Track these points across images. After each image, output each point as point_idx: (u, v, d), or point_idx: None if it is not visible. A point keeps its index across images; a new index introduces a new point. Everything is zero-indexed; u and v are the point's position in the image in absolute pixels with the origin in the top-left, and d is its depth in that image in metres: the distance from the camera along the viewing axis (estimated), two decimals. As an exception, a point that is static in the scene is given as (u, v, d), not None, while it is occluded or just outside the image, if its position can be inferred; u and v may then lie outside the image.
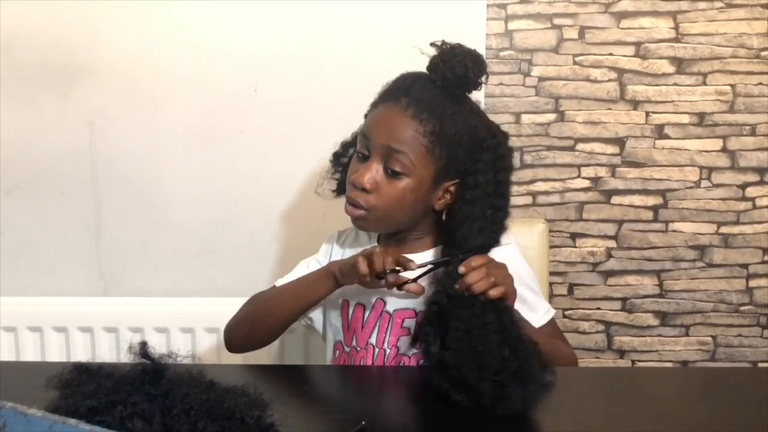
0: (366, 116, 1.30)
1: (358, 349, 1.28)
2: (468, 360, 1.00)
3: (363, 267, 1.16)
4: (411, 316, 1.26)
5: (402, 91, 1.23)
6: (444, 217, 1.31)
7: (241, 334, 1.34)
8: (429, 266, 1.19)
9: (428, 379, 1.05)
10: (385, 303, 1.27)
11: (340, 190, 1.37)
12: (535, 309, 1.29)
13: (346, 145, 1.36)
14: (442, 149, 1.21)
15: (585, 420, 1.02)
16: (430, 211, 1.28)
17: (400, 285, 1.17)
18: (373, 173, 1.22)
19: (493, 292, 1.09)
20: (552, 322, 1.33)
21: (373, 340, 1.27)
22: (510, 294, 1.12)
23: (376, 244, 1.34)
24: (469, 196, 1.22)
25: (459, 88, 1.24)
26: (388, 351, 1.26)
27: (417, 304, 1.24)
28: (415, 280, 1.18)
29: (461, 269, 1.11)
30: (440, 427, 1.02)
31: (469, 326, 1.04)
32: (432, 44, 1.23)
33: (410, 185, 1.22)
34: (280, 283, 1.36)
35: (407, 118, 1.20)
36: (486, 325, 1.05)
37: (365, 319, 1.28)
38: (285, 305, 1.30)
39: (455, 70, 1.20)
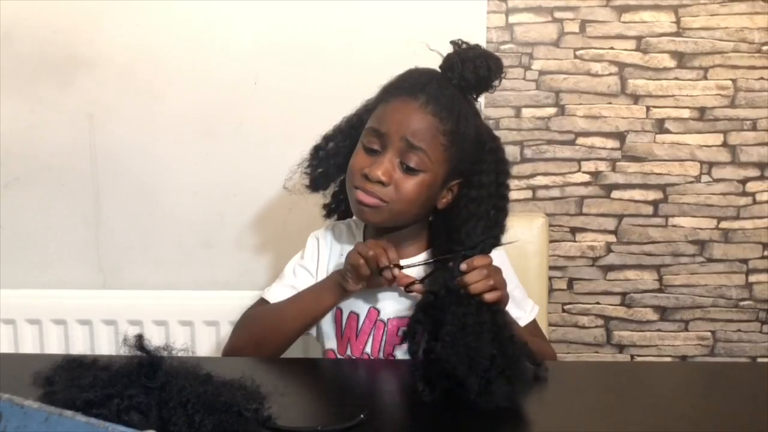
0: (368, 108, 1.28)
1: (354, 358, 1.27)
2: (460, 355, 1.00)
3: (364, 270, 1.16)
4: (407, 324, 1.25)
5: (418, 88, 1.20)
6: (432, 217, 1.31)
7: (247, 355, 1.27)
8: (434, 266, 1.19)
9: (412, 367, 1.05)
10: (379, 312, 1.27)
11: (315, 186, 1.33)
12: (522, 307, 1.31)
13: (328, 139, 1.32)
14: (456, 149, 1.21)
15: (584, 414, 1.02)
16: (431, 210, 1.28)
17: (407, 286, 1.17)
18: (388, 167, 1.19)
19: (489, 296, 1.09)
20: (534, 321, 1.34)
21: (368, 349, 1.27)
22: (503, 299, 1.13)
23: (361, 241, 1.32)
24: (474, 195, 1.21)
25: (476, 89, 1.24)
26: None
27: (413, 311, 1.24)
28: (422, 281, 1.17)
29: (463, 266, 1.10)
30: (438, 420, 1.02)
31: (464, 323, 1.04)
32: (452, 42, 1.22)
33: (426, 181, 1.20)
34: (268, 294, 1.33)
35: (427, 115, 1.19)
36: (481, 324, 1.05)
37: (359, 328, 1.27)
38: (291, 322, 1.26)
39: (479, 71, 1.20)
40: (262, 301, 1.34)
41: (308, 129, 1.75)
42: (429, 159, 1.19)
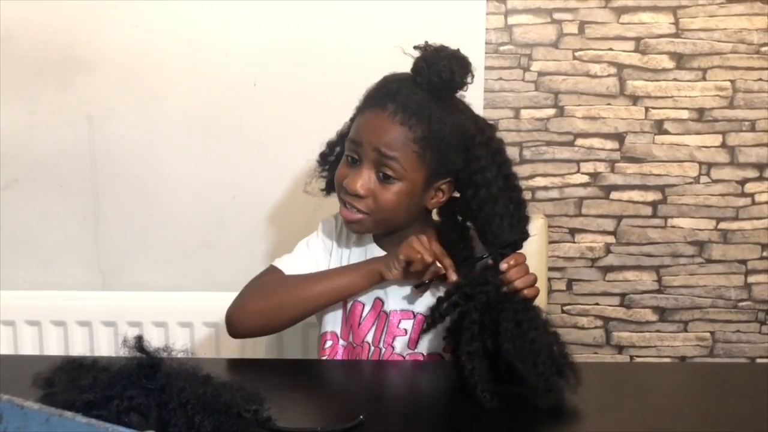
0: (352, 119, 1.29)
1: (355, 345, 1.29)
2: (524, 352, 1.03)
3: (419, 266, 1.19)
4: (408, 317, 1.27)
5: (388, 97, 1.21)
6: (436, 214, 1.33)
7: (260, 320, 1.26)
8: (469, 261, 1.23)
9: (462, 368, 1.05)
10: (383, 303, 1.28)
11: (329, 188, 1.37)
12: None
13: (332, 145, 1.35)
14: (432, 153, 1.21)
15: (583, 415, 1.02)
16: (423, 211, 1.29)
17: (443, 278, 1.21)
18: (365, 180, 1.22)
19: (529, 291, 1.13)
20: None
21: (369, 338, 1.28)
22: (538, 293, 1.16)
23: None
24: (484, 195, 1.21)
25: (445, 91, 1.23)
26: (383, 350, 1.27)
27: (416, 306, 1.27)
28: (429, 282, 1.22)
29: (503, 266, 1.13)
30: (438, 421, 1.02)
31: (518, 320, 1.06)
32: (416, 47, 1.22)
33: (404, 189, 1.22)
34: (282, 264, 1.32)
35: (396, 125, 1.20)
36: (535, 319, 1.09)
37: (363, 316, 1.29)
38: (316, 297, 1.26)
39: (441, 74, 1.19)
40: (274, 269, 1.33)
41: (307, 130, 1.75)
42: (402, 168, 1.21)
